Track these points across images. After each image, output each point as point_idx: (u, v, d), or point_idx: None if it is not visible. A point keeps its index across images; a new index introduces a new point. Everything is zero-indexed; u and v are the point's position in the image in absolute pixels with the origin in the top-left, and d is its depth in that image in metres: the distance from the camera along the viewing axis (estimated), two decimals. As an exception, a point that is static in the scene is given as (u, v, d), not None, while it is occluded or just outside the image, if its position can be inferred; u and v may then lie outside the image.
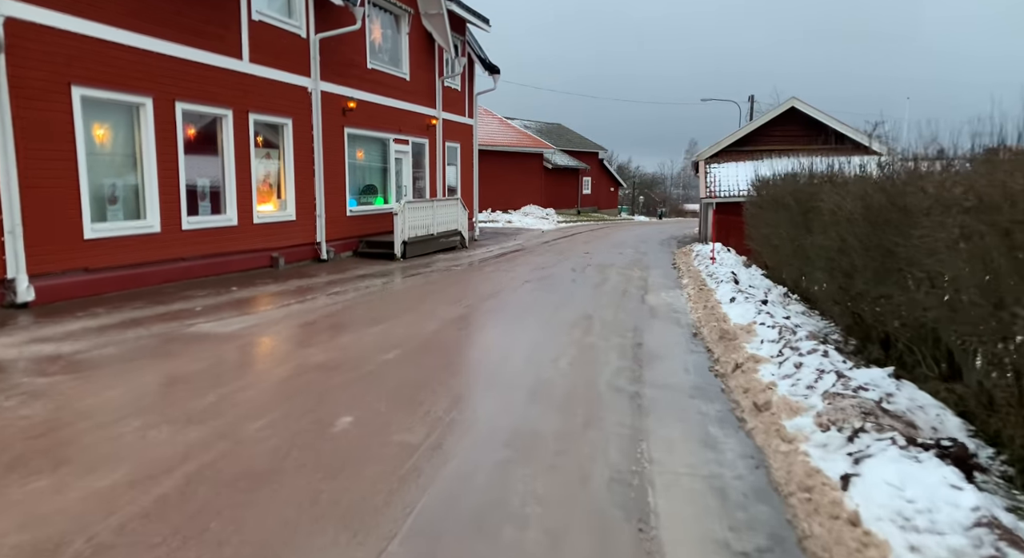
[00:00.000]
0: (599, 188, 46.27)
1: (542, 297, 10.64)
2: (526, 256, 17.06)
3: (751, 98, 31.75)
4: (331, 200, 14.66)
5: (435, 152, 19.59)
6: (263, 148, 12.81)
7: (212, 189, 11.55)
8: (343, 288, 10.82)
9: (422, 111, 18.58)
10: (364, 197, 16.49)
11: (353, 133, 15.48)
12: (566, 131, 46.16)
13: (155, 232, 10.21)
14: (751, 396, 5.34)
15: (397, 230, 15.25)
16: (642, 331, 8.07)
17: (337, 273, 12.64)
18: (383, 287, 11.08)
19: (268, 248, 12.79)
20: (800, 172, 10.83)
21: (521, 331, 7.94)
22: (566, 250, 19.06)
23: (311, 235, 14.09)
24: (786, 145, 21.40)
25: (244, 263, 12.16)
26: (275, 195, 13.25)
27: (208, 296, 9.55)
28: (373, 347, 6.80)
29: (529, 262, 15.62)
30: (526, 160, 36.53)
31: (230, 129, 11.68)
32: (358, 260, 14.89)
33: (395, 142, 17.38)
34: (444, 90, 19.82)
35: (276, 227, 13.02)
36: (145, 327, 7.37)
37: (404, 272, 13.17)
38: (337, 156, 14.90)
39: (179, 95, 10.49)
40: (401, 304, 9.58)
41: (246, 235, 12.18)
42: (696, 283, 11.79)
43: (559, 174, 39.74)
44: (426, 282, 11.89)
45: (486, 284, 12.01)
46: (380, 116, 16.52)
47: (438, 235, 17.19)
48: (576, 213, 40.98)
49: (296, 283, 11.15)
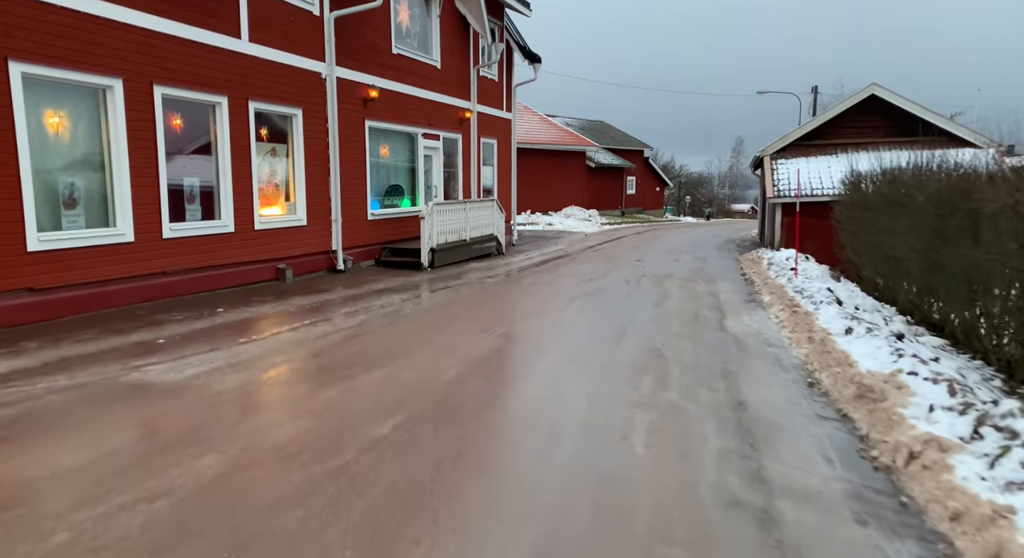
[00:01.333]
0: (644, 188, 43.73)
1: (594, 322, 8.50)
2: (570, 264, 14.92)
3: (814, 89, 28.93)
4: (349, 202, 12.77)
5: (469, 149, 17.60)
6: (267, 142, 10.97)
7: (204, 190, 9.74)
8: (353, 308, 8.87)
9: (455, 103, 16.61)
10: (388, 199, 14.58)
11: (375, 126, 13.58)
12: (609, 128, 43.75)
13: (127, 242, 8.40)
14: (976, 536, 3.13)
15: (424, 236, 13.28)
16: (736, 378, 5.87)
17: (351, 287, 10.72)
18: (400, 307, 9.09)
19: (273, 258, 10.95)
20: (923, 166, 8.47)
21: (570, 380, 5.82)
22: (614, 257, 16.86)
23: (325, 242, 12.22)
24: (864, 138, 18.79)
25: (243, 277, 10.33)
26: (282, 197, 11.41)
27: (184, 321, 7.69)
28: (364, 410, 4.77)
29: (574, 272, 13.48)
30: (567, 159, 34.34)
31: (225, 119, 9.84)
32: (379, 271, 12.97)
33: (424, 137, 15.44)
34: (479, 80, 17.81)
35: (283, 234, 11.17)
36: (69, 373, 5.49)
37: (430, 286, 11.18)
38: (356, 152, 13.01)
39: (158, 77, 8.68)
40: (418, 332, 7.57)
41: (246, 244, 10.35)
42: (783, 302, 9.49)
43: (602, 173, 37.41)
44: (453, 300, 9.86)
45: (524, 303, 9.92)
46: (407, 108, 14.59)
47: (471, 241, 15.18)
48: (620, 214, 38.57)
49: (299, 302, 9.25)
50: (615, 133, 43.46)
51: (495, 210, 16.57)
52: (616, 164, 38.47)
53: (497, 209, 16.68)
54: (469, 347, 6.82)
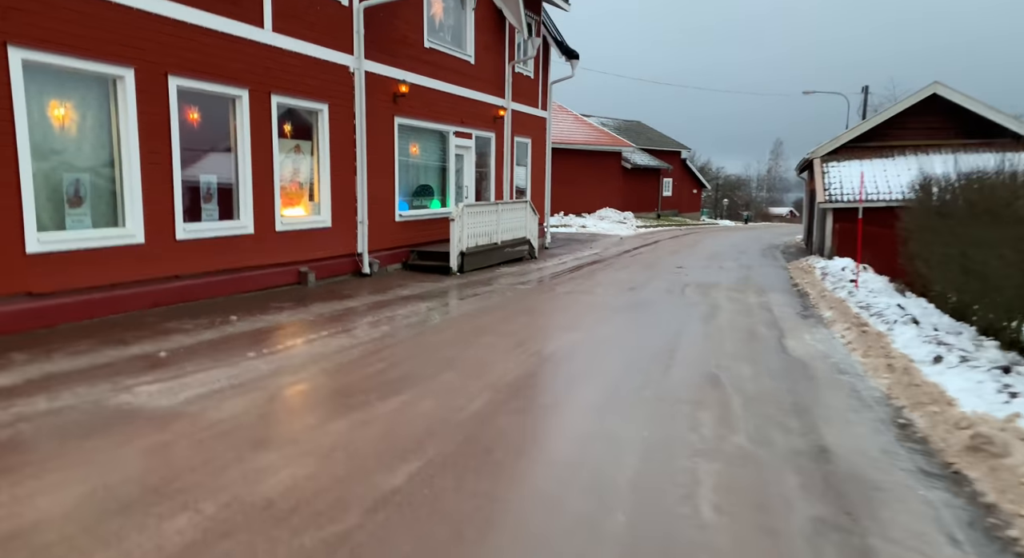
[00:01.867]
0: (680, 190, 42.50)
1: (639, 340, 7.67)
2: (607, 270, 14.07)
3: (865, 89, 27.48)
4: (376, 203, 12.12)
5: (502, 148, 16.85)
6: (291, 139, 10.36)
7: (222, 189, 9.15)
8: (376, 317, 8.18)
9: (488, 100, 15.88)
10: (417, 199, 13.90)
11: (405, 124, 12.91)
12: (646, 129, 42.61)
13: (137, 243, 7.83)
14: None
15: (454, 239, 12.57)
16: (811, 416, 5.00)
17: (376, 293, 10.05)
18: (426, 317, 8.38)
19: (295, 261, 10.33)
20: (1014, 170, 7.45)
21: (617, 415, 5.02)
22: (653, 263, 15.95)
23: (351, 245, 11.58)
24: (925, 140, 17.57)
25: (263, 280, 9.72)
26: (306, 197, 10.79)
27: (193, 331, 7.07)
28: (376, 451, 4.04)
29: (612, 279, 12.63)
30: (602, 159, 33.39)
31: (245, 113, 9.24)
32: (406, 275, 12.29)
33: (456, 135, 14.74)
34: (514, 77, 17.05)
35: (306, 236, 10.55)
36: (51, 394, 4.87)
37: (458, 292, 10.45)
38: (385, 150, 12.35)
39: (173, 67, 8.09)
40: (444, 348, 6.83)
41: (266, 246, 9.75)
42: (847, 319, 8.53)
43: (638, 174, 36.34)
44: (482, 309, 9.11)
45: (560, 315, 9.12)
46: (438, 104, 13.90)
47: (503, 244, 14.43)
48: (656, 217, 37.46)
49: (319, 309, 8.59)
50: (651, 134, 42.31)
51: (528, 212, 15.80)
52: (652, 165, 37.36)
53: (530, 211, 15.91)
54: (499, 369, 6.05)
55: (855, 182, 16.76)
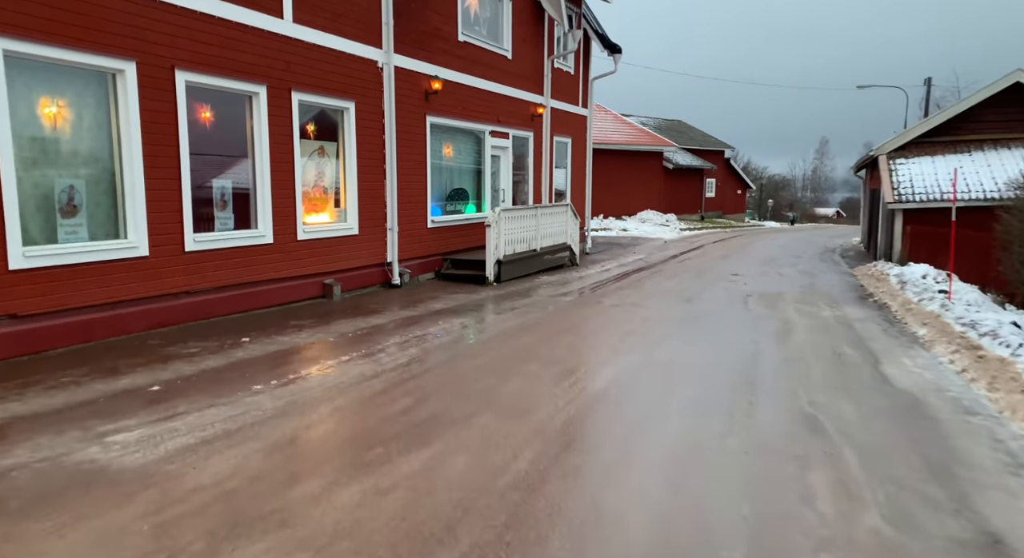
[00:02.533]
0: (724, 190, 40.83)
1: (708, 365, 6.53)
2: (655, 278, 12.92)
3: (927, 81, 25.58)
4: (407, 208, 11.21)
5: (541, 148, 15.82)
6: (314, 140, 9.50)
7: (237, 194, 8.32)
8: (404, 337, 7.22)
9: (526, 97, 14.87)
10: (451, 204, 12.96)
11: (438, 123, 11.98)
12: (687, 128, 41.07)
13: (140, 256, 7.02)
14: None
15: (490, 246, 11.58)
16: (957, 480, 3.82)
17: (406, 307, 9.11)
18: (460, 335, 7.39)
19: (319, 273, 9.46)
20: None
21: (700, 477, 3.91)
22: (705, 269, 14.71)
23: (379, 254, 10.68)
24: (1004, 132, 15.95)
25: (283, 294, 8.87)
26: (330, 202, 9.92)
27: (197, 356, 6.21)
28: (392, 541, 3.02)
29: (663, 289, 11.48)
30: (643, 160, 32.07)
31: (263, 112, 8.40)
32: (439, 285, 11.34)
33: (492, 135, 13.76)
34: (554, 72, 16.01)
35: (331, 244, 9.67)
36: (7, 445, 3.99)
37: (495, 306, 9.44)
38: (416, 152, 11.43)
39: (181, 61, 7.28)
40: (479, 378, 5.83)
41: (287, 256, 8.89)
42: (950, 339, 7.25)
43: (680, 175, 34.88)
44: (523, 326, 8.08)
45: (610, 333, 8.02)
46: (473, 102, 12.94)
47: (542, 251, 13.39)
48: (700, 219, 35.92)
49: (342, 327, 7.68)
50: (693, 133, 40.76)
51: (569, 216, 14.73)
52: (695, 165, 35.86)
53: (571, 215, 14.83)
54: (546, 408, 5.01)
55: (927, 180, 15.26)
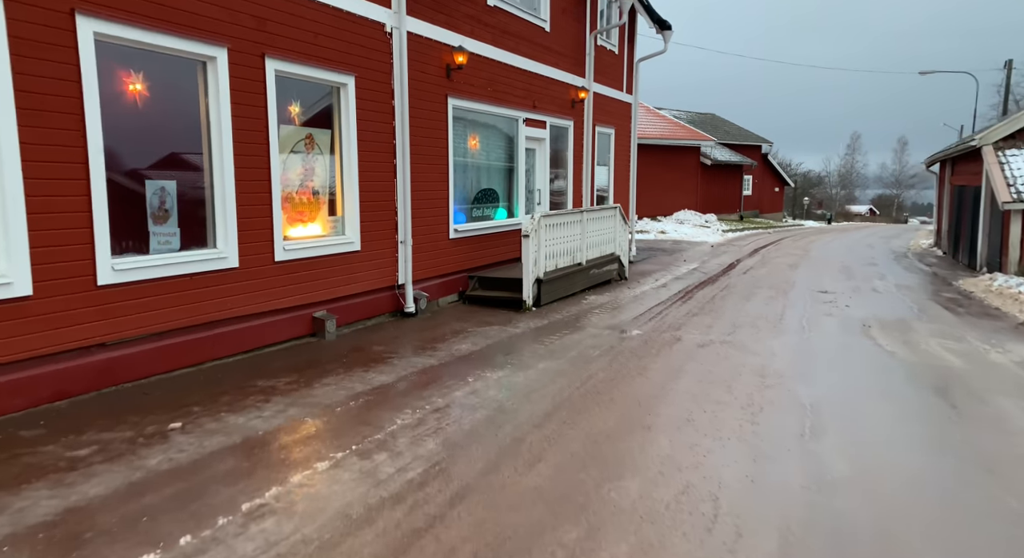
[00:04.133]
0: (761, 188, 37.94)
1: (911, 474, 3.97)
2: (730, 298, 10.33)
3: (1008, 64, 22.58)
4: (424, 215, 8.75)
5: (582, 140, 13.28)
6: (299, 126, 7.07)
7: (185, 200, 5.90)
8: (417, 414, 4.76)
9: (566, 79, 12.33)
10: (478, 208, 10.48)
11: (462, 107, 9.51)
12: (722, 122, 38.19)
13: (20, 297, 4.63)
14: None
15: (527, 262, 9.09)
16: None
17: (422, 351, 6.65)
18: (498, 414, 4.89)
19: (307, 304, 7.04)
20: None
21: None
22: (780, 283, 12.08)
23: (388, 274, 8.23)
24: None
25: (255, 336, 6.45)
26: (322, 209, 7.48)
27: (78, 467, 3.79)
28: None
29: (748, 315, 8.88)
30: (679, 155, 29.36)
31: (222, 84, 5.97)
32: (465, 312, 8.87)
33: (526, 124, 11.25)
34: (596, 50, 13.45)
35: (323, 265, 7.24)
36: None
37: (540, 347, 6.93)
38: (435, 143, 8.97)
39: (86, 5, 4.86)
40: (536, 523, 3.35)
41: (259, 284, 6.47)
42: None
43: (717, 172, 32.07)
44: (586, 392, 5.55)
45: (722, 406, 5.42)
46: (505, 82, 10.45)
47: (588, 265, 10.88)
48: (738, 219, 33.12)
49: (329, 392, 5.23)
50: (728, 127, 37.89)
51: (618, 221, 12.18)
52: (734, 161, 33.02)
53: (620, 220, 12.28)
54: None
55: (1051, 176, 12.48)
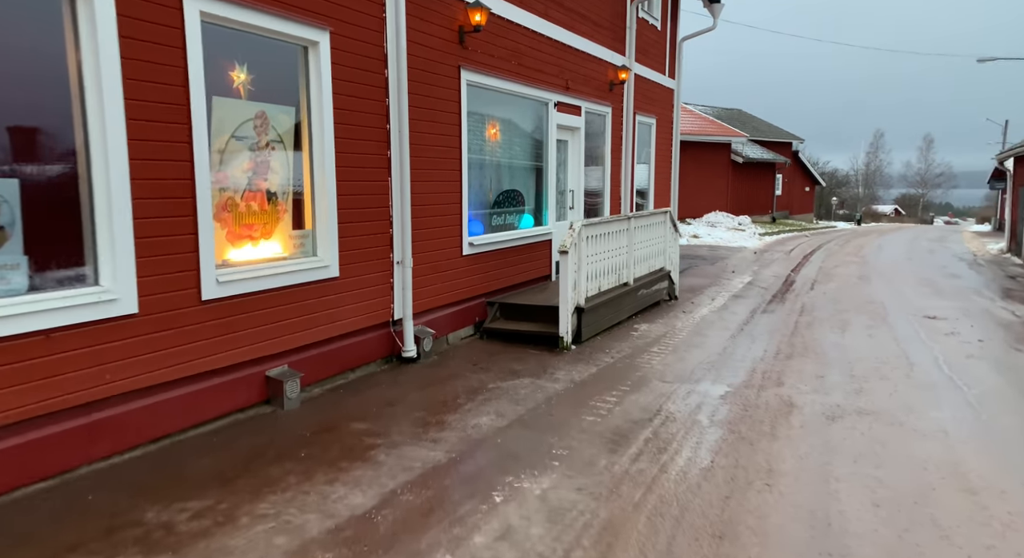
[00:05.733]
0: (791, 188, 35.40)
1: None
2: (814, 326, 7.98)
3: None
4: (429, 225, 6.51)
5: (621, 131, 10.99)
6: (247, 101, 4.82)
7: (38, 208, 3.69)
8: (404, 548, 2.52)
9: (603, 55, 10.05)
10: (498, 215, 8.21)
11: (479, 83, 7.25)
12: (749, 118, 35.68)
13: None
14: None
15: (566, 284, 6.82)
16: None
17: (420, 431, 4.39)
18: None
19: (256, 358, 4.79)
20: None
21: None
22: (862, 302, 9.71)
23: (380, 307, 5.98)
24: None
25: (165, 417, 4.21)
26: (282, 221, 5.22)
27: None
28: None
29: (855, 356, 6.52)
30: (708, 153, 26.97)
31: (106, 31, 3.75)
32: (483, 354, 6.60)
33: (558, 109, 8.98)
34: (638, 24, 11.16)
35: (283, 299, 5.00)
36: None
37: (589, 419, 4.63)
38: (444, 129, 6.72)
39: None
40: None
41: (175, 337, 4.23)
42: None
43: (750, 170, 29.61)
44: (680, 517, 3.30)
45: (910, 552, 3.14)
46: (533, 54, 8.19)
47: (636, 284, 8.59)
48: (771, 220, 30.64)
49: (257, 526, 2.99)
50: (757, 123, 35.38)
51: (668, 229, 9.89)
52: (767, 159, 30.53)
53: (670, 228, 9.99)
54: None
55: None
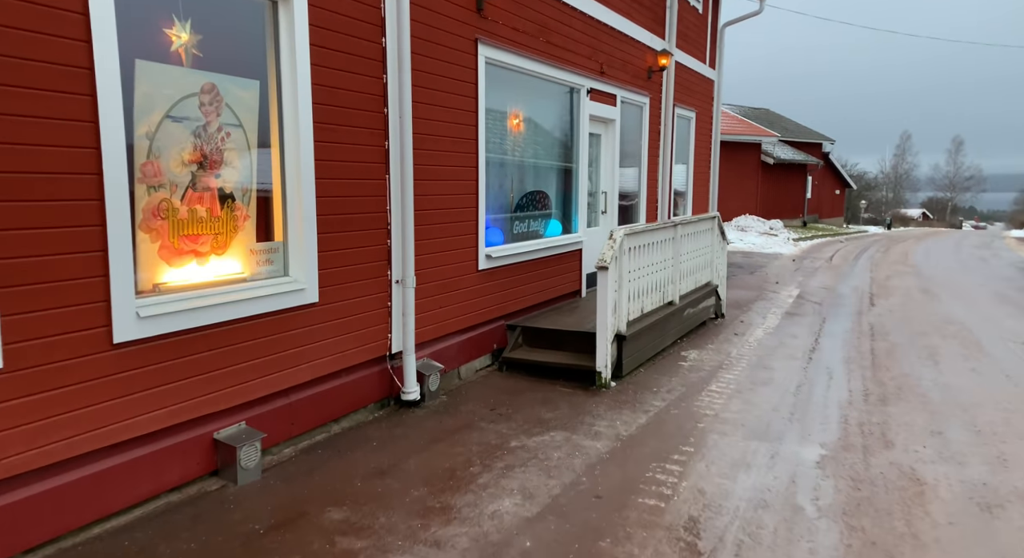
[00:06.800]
0: (821, 191, 33.72)
1: None
2: (895, 355, 6.56)
3: None
4: (436, 233, 5.20)
5: (659, 125, 9.63)
6: (194, 69, 3.55)
7: None
8: None
9: (641, 37, 8.71)
10: (521, 220, 6.89)
11: (500, 61, 5.94)
12: (778, 118, 34.02)
13: None
14: None
15: (604, 306, 5.47)
16: None
17: (419, 523, 3.10)
18: None
19: (202, 415, 3.53)
20: None
21: None
22: (939, 322, 8.24)
23: (372, 338, 4.68)
24: None
25: (53, 510, 2.95)
26: (241, 229, 3.94)
27: None
28: None
29: (969, 400, 5.10)
30: (738, 153, 25.46)
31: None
32: (502, 395, 5.28)
33: (591, 97, 7.65)
34: (679, 4, 9.79)
35: (239, 335, 3.72)
36: None
37: (648, 504, 3.34)
38: (456, 116, 5.41)
39: None
40: None
41: (69, 396, 2.98)
42: None
43: (780, 172, 28.03)
44: None
45: None
46: (563, 30, 6.87)
47: (682, 303, 7.23)
48: (802, 224, 29.04)
49: None
50: (786, 123, 33.71)
51: (715, 237, 8.52)
52: (798, 160, 28.91)
53: (718, 235, 8.62)
54: None
55: None
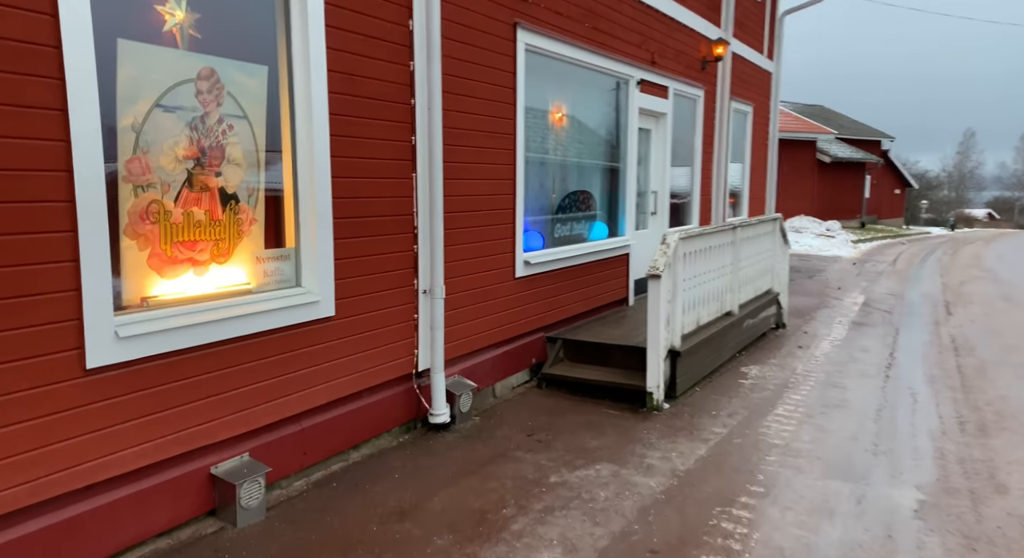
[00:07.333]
0: (879, 190, 32.00)
1: None
2: (987, 374, 5.73)
3: None
4: (468, 238, 4.68)
5: (713, 120, 8.92)
6: (190, 52, 3.11)
7: None
8: None
9: (695, 25, 8.03)
10: (563, 222, 6.30)
11: (541, 49, 5.38)
12: (833, 115, 32.44)
13: None
14: None
15: (656, 319, 4.85)
16: None
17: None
18: None
19: (198, 447, 3.09)
20: None
21: None
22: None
23: (397, 355, 4.19)
24: None
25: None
26: (247, 234, 3.49)
27: None
28: None
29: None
30: (792, 151, 24.21)
31: None
32: (541, 417, 4.71)
33: (641, 89, 7.02)
34: (736, -11, 9.08)
35: (243, 354, 3.27)
36: None
37: (700, 553, 2.75)
38: (492, 108, 4.88)
39: None
40: None
41: (33, 431, 2.56)
42: None
43: (836, 171, 26.63)
44: None
45: None
46: (611, 15, 6.26)
47: (741, 314, 6.53)
48: (860, 225, 27.55)
49: None
50: (842, 120, 32.12)
51: (777, 241, 7.79)
52: (856, 158, 27.43)
53: (779, 239, 7.88)
54: None
55: None
